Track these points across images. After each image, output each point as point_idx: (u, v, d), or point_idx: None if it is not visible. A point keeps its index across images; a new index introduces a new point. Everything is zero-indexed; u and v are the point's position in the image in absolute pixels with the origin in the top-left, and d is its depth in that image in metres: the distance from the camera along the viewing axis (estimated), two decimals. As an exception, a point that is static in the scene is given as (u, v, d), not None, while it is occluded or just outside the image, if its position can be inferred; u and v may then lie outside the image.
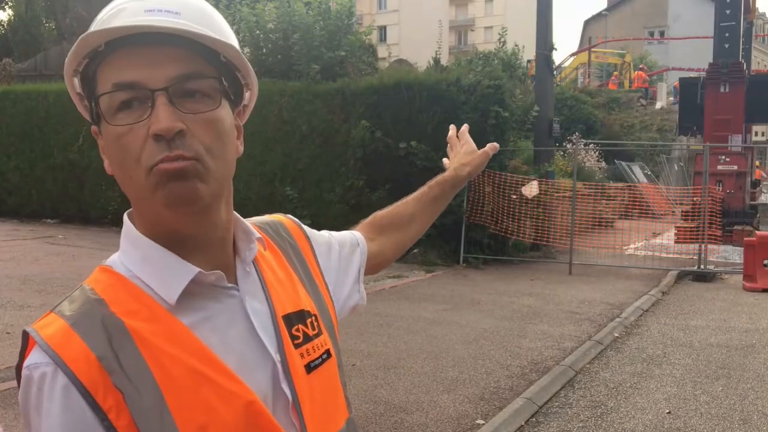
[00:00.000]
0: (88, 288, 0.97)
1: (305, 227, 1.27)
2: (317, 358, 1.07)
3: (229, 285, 1.00)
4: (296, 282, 1.13)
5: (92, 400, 0.88)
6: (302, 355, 1.04)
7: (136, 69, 0.90)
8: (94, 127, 0.97)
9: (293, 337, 1.03)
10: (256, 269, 1.06)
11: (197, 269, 0.95)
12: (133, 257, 0.98)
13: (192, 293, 0.96)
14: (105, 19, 0.93)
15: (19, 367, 0.93)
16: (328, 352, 1.10)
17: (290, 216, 1.27)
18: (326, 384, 1.08)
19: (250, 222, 1.14)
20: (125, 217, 1.02)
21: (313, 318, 1.10)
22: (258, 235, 1.08)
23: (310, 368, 1.04)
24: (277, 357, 1.00)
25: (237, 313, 0.99)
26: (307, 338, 1.06)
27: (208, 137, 0.92)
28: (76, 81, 0.97)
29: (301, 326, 1.06)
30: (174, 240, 0.96)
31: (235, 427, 0.93)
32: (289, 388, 0.99)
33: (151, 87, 0.89)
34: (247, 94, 1.05)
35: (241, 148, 1.04)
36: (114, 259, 1.01)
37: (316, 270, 1.20)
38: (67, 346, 0.89)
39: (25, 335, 0.93)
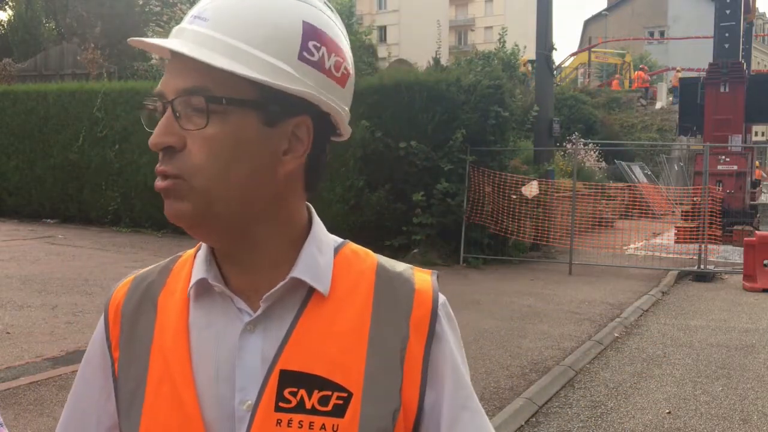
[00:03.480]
0: (176, 256, 1.06)
1: (444, 316, 1.00)
2: None
3: (243, 307, 0.94)
4: (356, 350, 0.93)
5: (109, 344, 1.02)
6: (279, 421, 0.89)
7: (165, 78, 0.91)
8: None
9: (281, 398, 0.89)
10: (299, 309, 0.94)
11: (202, 275, 0.95)
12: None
13: (212, 296, 0.96)
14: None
15: None
16: None
17: (437, 287, 1.01)
18: None
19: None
20: None
21: (340, 395, 0.90)
22: (299, 276, 0.93)
23: None
24: (245, 403, 0.91)
25: (232, 337, 0.93)
26: (302, 409, 0.89)
27: (200, 156, 0.87)
28: None
29: (302, 392, 0.90)
30: None
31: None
32: None
33: (165, 98, 0.89)
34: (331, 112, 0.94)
35: (290, 166, 0.92)
36: None
37: (415, 357, 0.95)
38: (115, 295, 1.04)
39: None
